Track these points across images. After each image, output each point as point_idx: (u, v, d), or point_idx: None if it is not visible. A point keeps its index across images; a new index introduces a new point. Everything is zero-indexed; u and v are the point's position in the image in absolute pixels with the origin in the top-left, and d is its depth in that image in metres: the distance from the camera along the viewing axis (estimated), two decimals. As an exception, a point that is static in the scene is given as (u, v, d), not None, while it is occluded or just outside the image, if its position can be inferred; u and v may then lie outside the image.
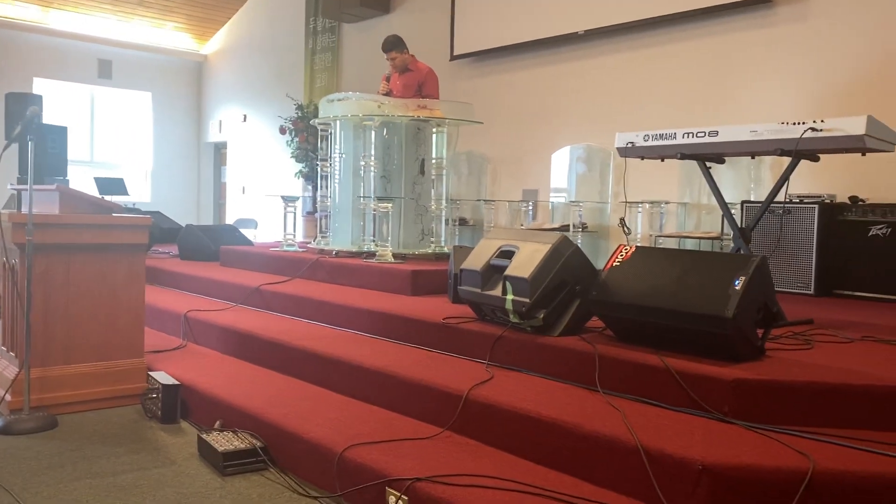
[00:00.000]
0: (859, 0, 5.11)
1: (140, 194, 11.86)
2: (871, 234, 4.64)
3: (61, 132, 8.43)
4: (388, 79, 5.90)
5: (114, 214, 3.59)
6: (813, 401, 2.35)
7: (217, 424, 3.09)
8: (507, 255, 3.20)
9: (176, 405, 3.34)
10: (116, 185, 10.25)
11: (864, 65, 5.10)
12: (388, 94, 5.83)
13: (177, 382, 3.38)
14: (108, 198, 9.69)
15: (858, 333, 3.26)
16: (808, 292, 4.71)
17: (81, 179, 10.80)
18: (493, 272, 3.23)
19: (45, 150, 8.16)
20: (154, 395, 3.38)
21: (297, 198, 6.07)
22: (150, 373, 3.53)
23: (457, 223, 7.15)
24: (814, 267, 4.72)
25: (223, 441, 2.83)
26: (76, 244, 3.41)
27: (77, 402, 3.42)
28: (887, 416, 2.31)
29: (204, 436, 2.90)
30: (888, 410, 2.31)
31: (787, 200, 4.97)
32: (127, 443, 3.04)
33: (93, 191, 10.00)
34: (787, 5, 5.47)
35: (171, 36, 11.96)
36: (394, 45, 5.87)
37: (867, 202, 4.79)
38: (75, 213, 3.48)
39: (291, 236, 5.94)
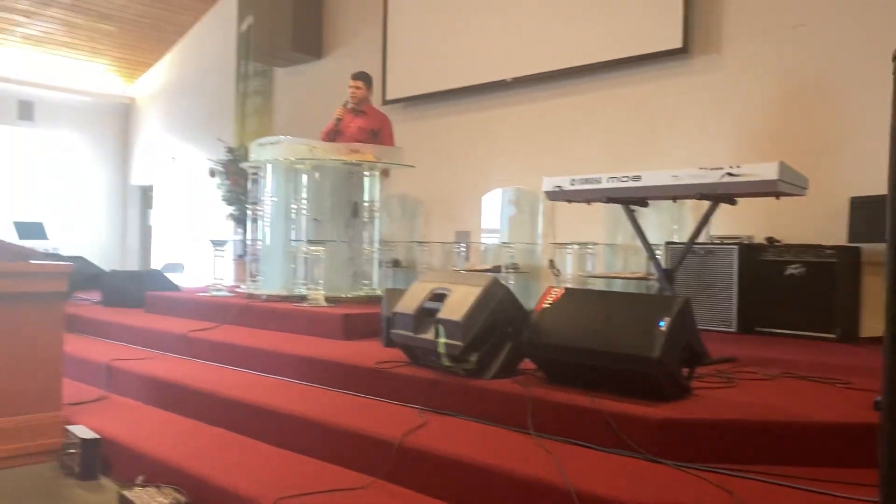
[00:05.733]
0: (770, 50, 5.40)
1: (63, 239, 11.44)
2: (787, 272, 4.84)
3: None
4: (345, 105, 5.91)
5: (31, 262, 3.46)
6: (737, 438, 2.41)
7: (139, 480, 2.97)
8: (440, 297, 3.20)
9: (95, 461, 3.19)
10: (36, 230, 9.89)
11: (776, 111, 5.37)
12: (341, 118, 5.84)
13: (97, 436, 3.24)
14: (28, 242, 9.33)
15: (779, 370, 3.38)
16: (731, 330, 4.87)
17: (0, 224, 10.37)
18: (425, 315, 3.23)
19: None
20: (72, 451, 3.22)
21: (226, 241, 5.96)
22: (68, 427, 3.37)
23: (390, 265, 7.13)
24: (735, 305, 4.89)
25: (145, 497, 2.71)
26: (-10, 293, 3.25)
27: (-12, 460, 3.23)
28: (808, 452, 2.38)
29: (125, 492, 2.78)
30: (809, 446, 2.39)
31: (709, 242, 5.15)
32: (41, 503, 2.88)
33: (12, 235, 9.62)
34: (703, 55, 5.74)
35: (98, 78, 11.71)
36: (363, 76, 6.00)
37: (783, 243, 5.01)
38: (-11, 260, 3.33)
39: (220, 281, 5.82)
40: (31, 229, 9.67)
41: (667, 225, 5.74)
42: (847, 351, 4.18)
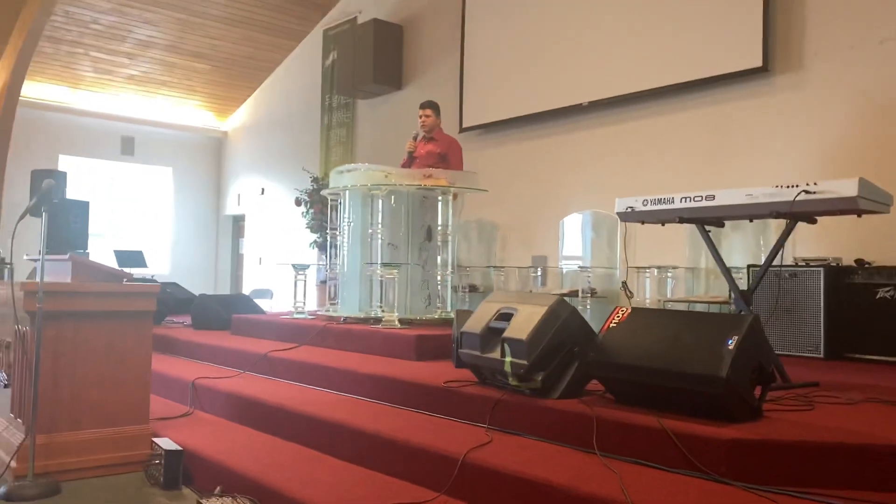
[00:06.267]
0: (856, 66, 5.22)
1: (160, 266, 12.05)
2: (878, 296, 4.61)
3: (83, 207, 8.67)
4: (415, 138, 6.11)
5: (124, 282, 3.69)
6: (809, 461, 2.32)
7: (217, 490, 3.09)
8: (506, 317, 3.23)
9: (178, 471, 3.35)
10: (135, 258, 10.43)
11: (862, 129, 5.17)
12: (412, 151, 6.04)
13: (180, 448, 3.40)
14: (127, 270, 9.86)
15: (864, 395, 3.23)
16: (818, 356, 4.66)
17: (103, 252, 11.02)
18: (491, 335, 3.26)
19: (68, 224, 8.38)
20: (157, 462, 3.39)
21: (308, 266, 6.16)
22: (154, 439, 3.55)
23: (467, 290, 7.18)
24: (822, 330, 4.68)
25: (221, 506, 2.83)
26: (86, 311, 3.48)
27: (82, 468, 3.43)
28: (884, 476, 2.27)
29: (203, 501, 2.90)
30: (885, 470, 2.28)
31: (794, 264, 4.97)
32: (127, 509, 3.04)
33: (112, 263, 10.19)
34: (783, 74, 5.60)
35: (193, 113, 12.37)
36: (432, 105, 6.21)
37: (873, 265, 4.79)
38: (86, 281, 3.57)
39: (301, 304, 6.01)
40: (131, 257, 10.20)
41: (751, 247, 5.58)
42: (944, 378, 3.94)
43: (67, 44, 10.10)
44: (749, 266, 5.17)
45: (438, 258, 5.41)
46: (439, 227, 5.43)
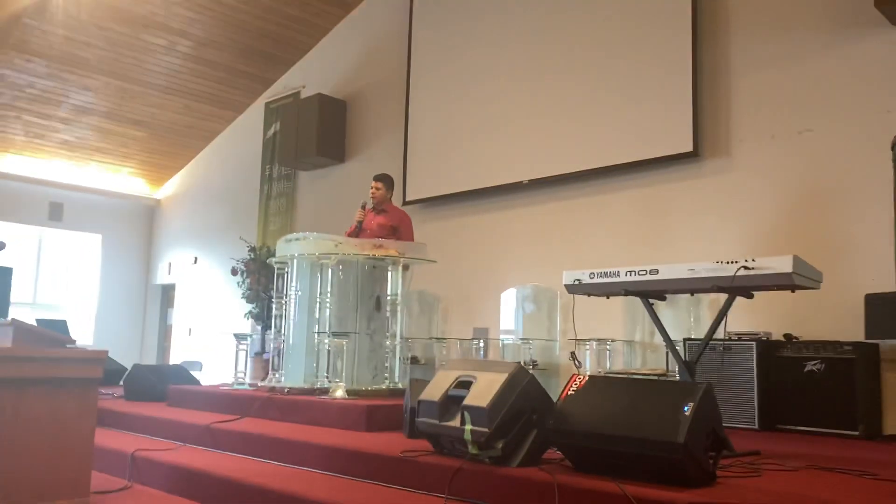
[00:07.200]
0: (778, 154, 5.63)
1: (84, 336, 11.57)
2: (806, 369, 4.85)
3: (6, 273, 8.32)
4: (363, 207, 6.14)
5: (68, 347, 3.57)
6: (766, 523, 2.41)
7: (165, 566, 2.97)
8: (465, 385, 3.26)
9: (121, 548, 3.19)
10: (59, 327, 10.01)
11: (786, 212, 5.54)
12: (362, 221, 6.06)
13: (123, 523, 3.25)
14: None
15: (804, 463, 3.37)
16: (753, 427, 4.84)
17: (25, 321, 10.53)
18: (450, 403, 3.28)
19: (-11, 292, 8.02)
20: (97, 538, 3.23)
21: (249, 336, 6.07)
22: (94, 514, 3.39)
23: (408, 362, 7.17)
24: (756, 402, 4.88)
25: (173, 583, 2.71)
26: (28, 378, 3.34)
27: (14, 547, 3.23)
28: (837, 537, 2.38)
29: (152, 578, 2.78)
30: (837, 531, 2.39)
31: (727, 337, 5.20)
32: (67, 589, 2.87)
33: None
34: (712, 159, 5.97)
35: (125, 181, 12.15)
36: (384, 178, 6.32)
37: (801, 339, 5.05)
38: (29, 346, 3.44)
39: (242, 375, 5.89)
40: (54, 327, 9.80)
41: (684, 322, 5.80)
42: (872, 447, 4.16)
43: (-1, 106, 9.89)
44: (685, 339, 5.37)
45: (387, 329, 5.43)
46: (389, 297, 5.46)
